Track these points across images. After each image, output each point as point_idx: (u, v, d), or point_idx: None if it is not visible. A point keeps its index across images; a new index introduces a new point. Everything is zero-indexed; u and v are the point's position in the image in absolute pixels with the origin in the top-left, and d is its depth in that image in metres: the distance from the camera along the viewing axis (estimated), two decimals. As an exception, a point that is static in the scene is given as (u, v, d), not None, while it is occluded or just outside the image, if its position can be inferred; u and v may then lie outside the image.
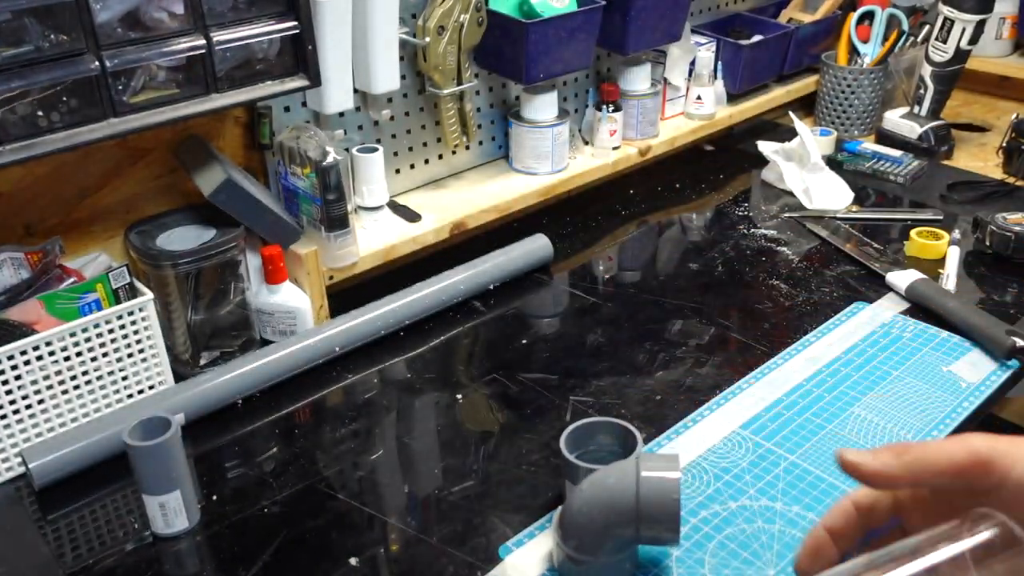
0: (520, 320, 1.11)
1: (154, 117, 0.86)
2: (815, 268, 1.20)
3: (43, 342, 0.85)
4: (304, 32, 0.92)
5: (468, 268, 1.14)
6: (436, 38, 1.14)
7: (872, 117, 1.60)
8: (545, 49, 1.18)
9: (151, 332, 0.92)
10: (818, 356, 1.01)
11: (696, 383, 0.98)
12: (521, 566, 0.75)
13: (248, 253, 1.02)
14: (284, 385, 0.99)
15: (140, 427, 0.77)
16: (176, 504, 0.78)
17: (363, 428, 0.94)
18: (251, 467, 0.88)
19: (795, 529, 0.77)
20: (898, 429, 0.89)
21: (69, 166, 0.95)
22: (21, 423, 0.87)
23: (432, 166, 1.29)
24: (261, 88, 0.93)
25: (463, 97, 1.23)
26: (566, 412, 0.94)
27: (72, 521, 0.83)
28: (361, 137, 1.19)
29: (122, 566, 0.77)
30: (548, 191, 1.31)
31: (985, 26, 1.43)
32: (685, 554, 0.75)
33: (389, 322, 1.06)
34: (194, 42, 0.86)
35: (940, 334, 1.04)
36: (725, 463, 0.85)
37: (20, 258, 0.89)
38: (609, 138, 1.37)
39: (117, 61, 0.82)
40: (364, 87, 1.11)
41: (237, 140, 1.07)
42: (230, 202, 0.96)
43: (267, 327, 1.06)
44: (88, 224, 0.99)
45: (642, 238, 1.32)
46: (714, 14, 1.62)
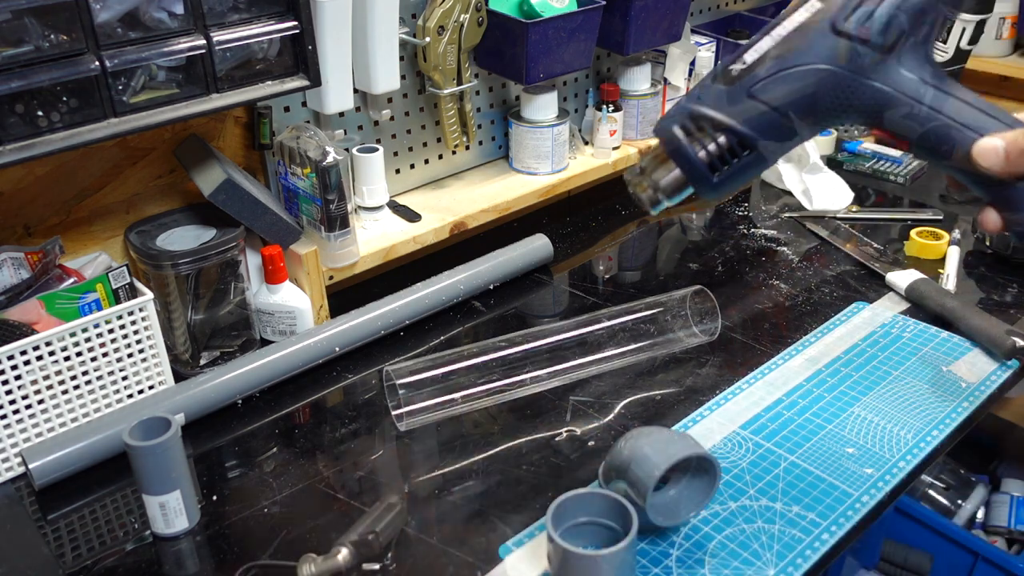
0: (520, 320, 1.11)
1: (154, 117, 0.86)
2: (815, 268, 1.20)
3: (43, 342, 0.85)
4: (304, 32, 0.92)
5: (468, 268, 1.14)
6: (436, 38, 1.14)
7: (872, 117, 1.59)
8: (545, 49, 1.18)
9: (151, 332, 0.92)
10: (818, 356, 1.01)
11: (696, 383, 0.98)
12: (521, 566, 0.75)
13: (248, 253, 1.03)
14: (284, 385, 0.99)
15: (140, 427, 0.77)
16: (176, 504, 0.78)
17: (363, 428, 0.94)
18: (251, 467, 0.88)
19: (795, 529, 0.77)
20: (898, 429, 0.89)
21: (69, 166, 0.95)
22: (21, 423, 0.87)
23: (432, 166, 1.29)
24: (261, 88, 0.92)
25: (463, 97, 1.23)
26: (566, 412, 0.94)
27: (72, 521, 0.83)
28: (361, 137, 1.19)
29: (122, 566, 0.77)
30: (548, 191, 1.31)
31: (985, 26, 1.43)
32: (685, 554, 0.75)
33: (389, 322, 1.06)
34: (194, 42, 0.86)
35: (940, 334, 1.04)
36: (725, 463, 0.85)
37: (20, 258, 0.89)
38: (609, 138, 1.37)
39: (117, 61, 0.82)
40: (364, 87, 1.11)
41: (237, 140, 1.07)
42: (230, 202, 0.96)
43: (267, 327, 1.06)
44: (88, 224, 0.99)
45: (642, 238, 1.32)
46: (714, 14, 1.62)
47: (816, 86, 0.57)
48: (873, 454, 0.86)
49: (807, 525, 0.78)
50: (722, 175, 0.60)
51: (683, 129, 0.60)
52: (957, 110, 0.56)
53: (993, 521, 1.62)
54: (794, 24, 0.58)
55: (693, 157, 0.60)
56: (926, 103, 0.57)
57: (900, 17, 0.56)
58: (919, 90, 0.57)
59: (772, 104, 0.58)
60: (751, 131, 0.58)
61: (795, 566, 0.74)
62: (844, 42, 0.56)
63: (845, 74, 0.57)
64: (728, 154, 0.59)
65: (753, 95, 0.58)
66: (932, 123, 0.57)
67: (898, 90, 0.57)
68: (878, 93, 0.57)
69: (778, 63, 0.57)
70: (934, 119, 0.57)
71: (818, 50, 0.57)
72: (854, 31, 0.56)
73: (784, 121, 0.58)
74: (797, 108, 0.58)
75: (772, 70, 0.57)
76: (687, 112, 0.60)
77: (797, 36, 0.57)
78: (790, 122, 0.58)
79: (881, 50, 0.56)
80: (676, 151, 0.61)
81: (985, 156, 0.54)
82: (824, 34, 0.57)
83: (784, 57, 0.57)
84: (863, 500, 0.80)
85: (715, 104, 0.59)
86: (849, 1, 0.56)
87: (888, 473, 0.83)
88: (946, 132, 0.56)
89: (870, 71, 0.57)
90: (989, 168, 0.54)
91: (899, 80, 0.57)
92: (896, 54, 0.57)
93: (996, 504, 1.64)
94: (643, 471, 0.73)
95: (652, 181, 0.62)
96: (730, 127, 0.58)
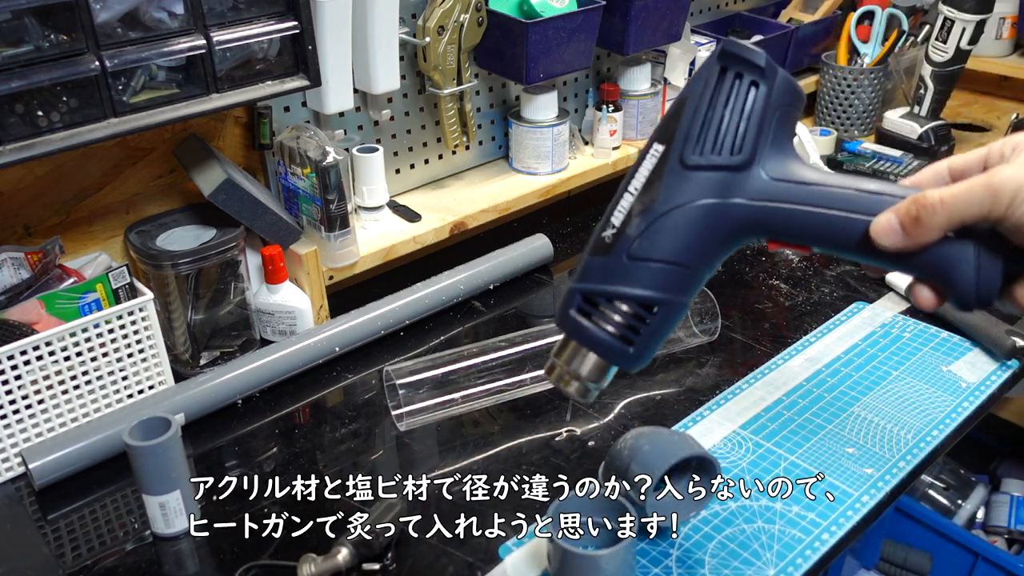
0: (520, 320, 1.11)
1: (154, 117, 0.86)
2: (815, 268, 1.20)
3: (43, 342, 0.85)
4: (304, 32, 0.92)
5: (468, 268, 1.14)
6: (436, 38, 1.14)
7: (872, 117, 1.60)
8: (545, 49, 1.18)
9: (151, 332, 0.92)
10: (818, 356, 1.01)
11: (696, 383, 0.98)
12: (521, 566, 0.75)
13: (248, 253, 1.02)
14: (284, 385, 0.99)
15: (140, 427, 0.77)
16: (176, 504, 0.78)
17: (363, 428, 0.93)
18: (251, 467, 0.88)
19: (795, 529, 0.77)
20: (898, 429, 0.89)
21: (69, 166, 0.95)
22: (21, 423, 0.87)
23: (432, 166, 1.29)
24: (261, 88, 0.92)
25: (463, 97, 1.23)
26: (566, 412, 0.94)
27: (72, 521, 0.83)
28: (361, 137, 1.19)
29: (122, 566, 0.77)
30: (548, 191, 1.31)
31: (985, 26, 1.43)
32: (685, 554, 0.75)
33: (389, 322, 1.06)
34: (194, 42, 0.86)
35: (940, 334, 1.04)
36: (725, 463, 0.85)
37: (20, 258, 0.89)
38: (609, 138, 1.36)
39: (117, 61, 0.82)
40: (364, 87, 1.11)
41: (237, 140, 1.07)
42: (230, 202, 0.96)
43: (267, 327, 1.06)
44: (88, 224, 0.99)
45: (642, 238, 1.32)
46: (714, 14, 1.62)
47: (690, 226, 0.54)
48: (873, 454, 0.86)
49: (807, 525, 0.78)
50: (638, 344, 0.56)
51: (581, 312, 0.57)
52: (842, 199, 0.52)
53: (993, 521, 1.62)
54: (646, 173, 0.56)
55: (602, 337, 0.56)
56: (807, 203, 0.53)
57: (748, 129, 0.53)
58: (793, 191, 0.53)
59: (655, 258, 0.54)
60: (647, 291, 0.55)
61: (795, 566, 0.74)
62: (699, 174, 0.54)
63: (713, 204, 0.54)
64: (636, 320, 0.55)
65: (633, 256, 0.55)
66: (821, 220, 0.53)
67: (774, 200, 0.53)
68: (755, 210, 0.54)
69: (644, 218, 0.55)
70: (821, 216, 0.53)
71: (677, 191, 0.54)
72: (705, 161, 0.53)
73: (675, 269, 0.55)
74: (681, 254, 0.54)
75: (641, 227, 0.55)
76: (578, 293, 0.57)
77: (652, 185, 0.55)
78: (682, 268, 0.55)
79: (739, 168, 0.53)
80: (583, 336, 0.57)
81: (884, 235, 0.51)
82: (677, 173, 0.54)
83: (649, 210, 0.55)
84: (863, 500, 0.80)
85: (602, 277, 0.56)
86: (691, 133, 0.54)
87: (888, 473, 0.83)
88: (839, 224, 0.52)
89: (737, 192, 0.54)
90: (892, 246, 0.51)
91: (770, 189, 0.54)
92: (758, 163, 0.54)
93: (996, 504, 1.64)
94: (643, 471, 0.73)
95: (572, 372, 0.58)
96: (624, 295, 0.55)
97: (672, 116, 0.56)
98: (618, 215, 0.57)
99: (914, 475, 0.84)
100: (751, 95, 0.54)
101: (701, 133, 0.54)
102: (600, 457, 0.83)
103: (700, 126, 0.54)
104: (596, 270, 0.57)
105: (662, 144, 0.55)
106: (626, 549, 0.68)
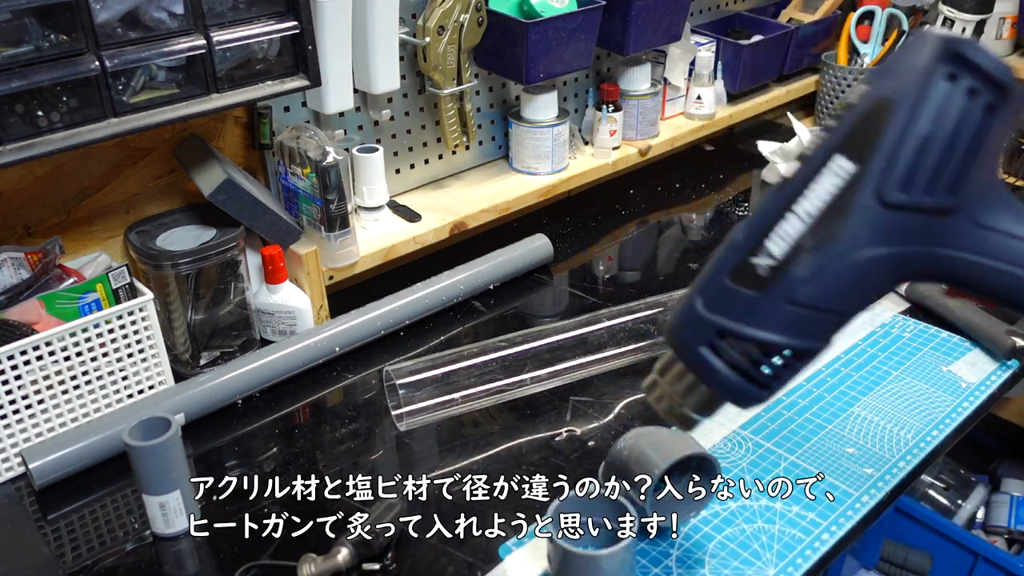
0: (520, 320, 1.11)
1: (154, 117, 0.86)
2: (815, 268, 1.20)
3: (43, 342, 0.85)
4: (304, 32, 0.92)
5: (468, 268, 1.14)
6: (436, 38, 1.14)
7: (872, 117, 1.59)
8: (545, 49, 1.18)
9: (151, 332, 0.92)
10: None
11: (696, 383, 0.98)
12: (521, 566, 0.75)
13: (248, 253, 1.02)
14: (284, 385, 0.99)
15: (140, 427, 0.77)
16: (176, 504, 0.78)
17: (363, 428, 0.93)
18: (251, 467, 0.88)
19: (795, 529, 0.77)
20: (898, 429, 0.89)
21: (69, 166, 0.95)
22: (21, 423, 0.87)
23: (432, 166, 1.29)
24: (261, 88, 0.92)
25: (463, 97, 1.23)
26: (566, 412, 0.94)
27: (72, 521, 0.83)
28: (361, 137, 1.19)
29: (122, 566, 0.77)
30: (548, 191, 1.31)
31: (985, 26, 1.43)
32: (685, 554, 0.75)
33: (389, 322, 1.06)
34: (194, 42, 0.86)
35: (940, 334, 1.04)
36: (725, 463, 0.85)
37: (20, 258, 0.89)
38: (609, 138, 1.36)
39: (117, 61, 0.82)
40: (364, 87, 1.11)
41: (237, 140, 1.07)
42: (230, 202, 0.96)
43: (267, 327, 1.06)
44: (88, 224, 0.99)
45: (642, 238, 1.32)
46: (714, 14, 1.62)
47: (876, 275, 0.45)
48: (873, 454, 0.86)
49: (807, 525, 0.78)
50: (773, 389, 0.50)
51: (712, 349, 0.48)
52: None
53: (993, 521, 1.62)
54: (825, 197, 0.44)
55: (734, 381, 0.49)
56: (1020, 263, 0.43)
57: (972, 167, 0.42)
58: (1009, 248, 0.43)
59: (822, 307, 0.46)
60: (805, 342, 0.47)
61: (795, 566, 0.74)
62: (900, 216, 0.43)
63: (914, 253, 0.44)
64: (783, 370, 0.48)
65: (798, 303, 0.46)
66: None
67: (982, 254, 0.44)
68: (954, 262, 0.44)
69: (819, 259, 0.44)
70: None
71: (869, 233, 0.43)
72: (912, 202, 0.42)
73: (838, 319, 0.47)
74: (855, 304, 0.46)
75: (814, 269, 0.45)
76: (712, 328, 0.48)
77: (834, 217, 0.44)
78: (846, 317, 0.47)
79: (948, 212, 0.43)
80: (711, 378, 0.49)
81: None
82: (871, 210, 0.43)
83: (826, 249, 0.44)
84: (863, 500, 0.80)
85: (748, 317, 0.47)
86: (897, 161, 0.42)
87: (888, 473, 0.83)
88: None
89: (940, 240, 0.44)
90: None
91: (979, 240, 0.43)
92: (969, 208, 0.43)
93: (996, 504, 1.64)
94: (643, 471, 0.73)
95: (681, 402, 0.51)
96: (776, 344, 0.47)
97: (870, 124, 0.43)
98: (779, 243, 0.46)
99: (914, 475, 0.84)
100: (985, 122, 0.42)
101: (914, 165, 0.43)
102: (600, 457, 0.83)
103: (914, 155, 0.42)
104: (742, 306, 0.48)
105: (851, 162, 0.44)
106: (626, 549, 0.68)
